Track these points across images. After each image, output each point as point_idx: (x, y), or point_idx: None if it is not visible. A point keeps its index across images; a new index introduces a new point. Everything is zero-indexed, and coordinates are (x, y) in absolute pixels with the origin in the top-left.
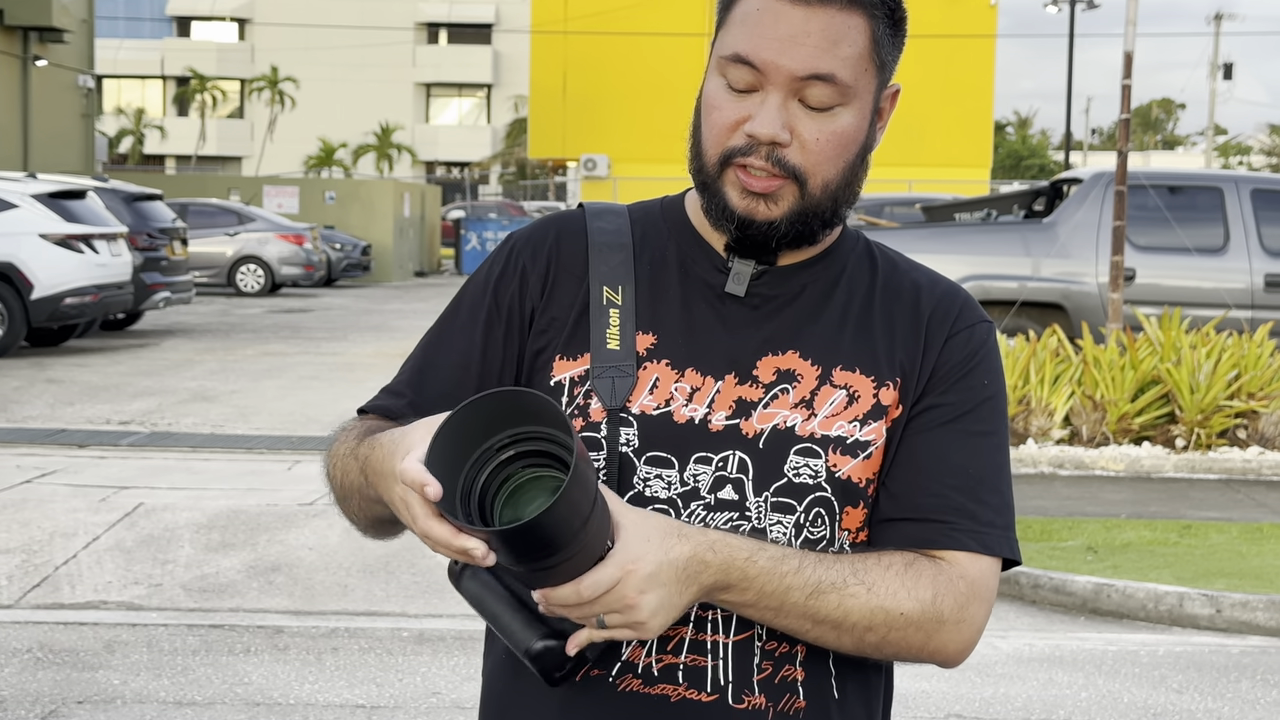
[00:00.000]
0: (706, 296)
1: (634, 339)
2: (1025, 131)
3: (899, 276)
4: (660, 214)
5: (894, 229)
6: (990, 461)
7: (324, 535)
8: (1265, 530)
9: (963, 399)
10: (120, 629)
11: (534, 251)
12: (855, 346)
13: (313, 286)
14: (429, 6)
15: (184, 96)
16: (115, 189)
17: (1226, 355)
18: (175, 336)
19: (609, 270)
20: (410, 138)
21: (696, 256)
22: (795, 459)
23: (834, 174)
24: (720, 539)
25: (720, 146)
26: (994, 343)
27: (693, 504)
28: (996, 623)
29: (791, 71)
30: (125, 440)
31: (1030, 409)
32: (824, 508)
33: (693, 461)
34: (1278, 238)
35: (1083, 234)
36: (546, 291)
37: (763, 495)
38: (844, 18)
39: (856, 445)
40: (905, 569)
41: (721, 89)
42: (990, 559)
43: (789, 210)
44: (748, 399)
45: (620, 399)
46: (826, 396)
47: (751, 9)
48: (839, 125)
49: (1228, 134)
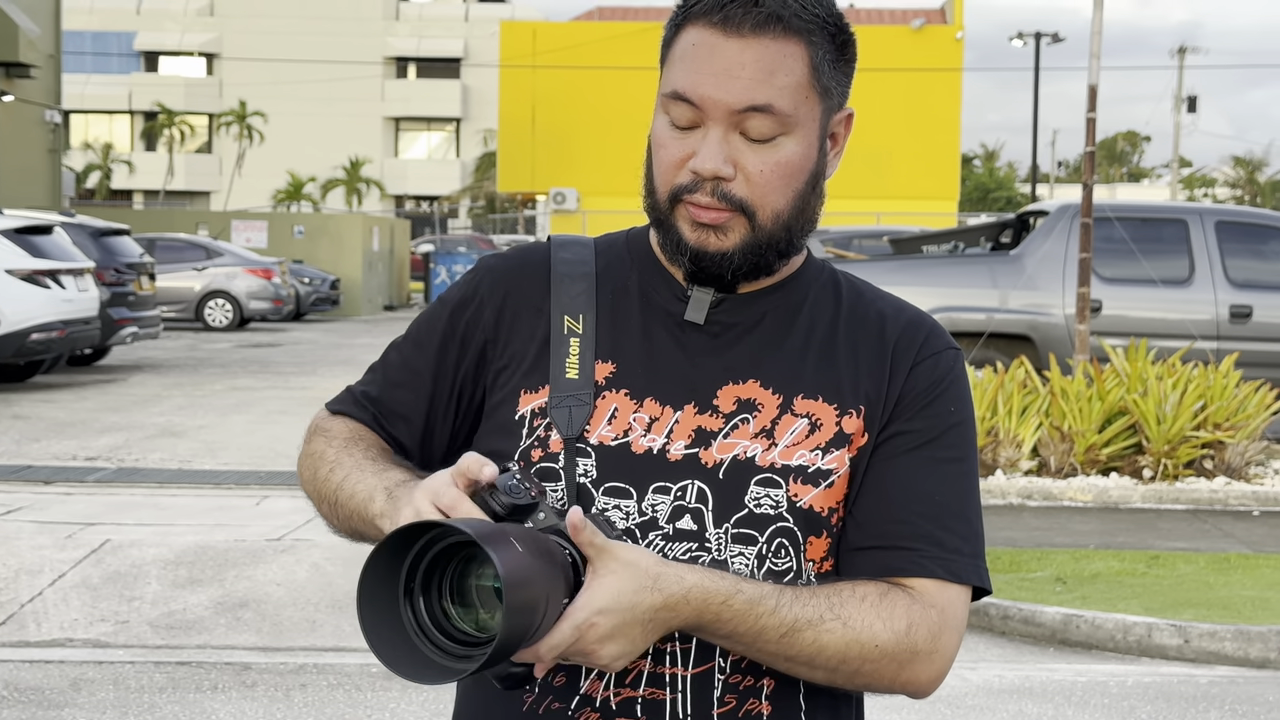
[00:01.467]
0: (667, 325)
1: (593, 368)
2: (992, 164)
3: (864, 305)
4: (625, 245)
5: (862, 261)
6: (958, 488)
7: (292, 571)
8: (1232, 560)
9: (929, 425)
10: (86, 667)
11: (494, 282)
12: (818, 374)
13: (281, 321)
14: (397, 41)
15: (152, 131)
16: (82, 224)
17: (1192, 386)
18: (143, 372)
19: (570, 300)
20: (379, 171)
21: (658, 285)
22: (756, 489)
23: (783, 204)
24: (697, 586)
25: (669, 185)
26: (961, 369)
27: (651, 534)
28: (966, 654)
29: (728, 105)
30: (92, 476)
31: (998, 440)
32: (787, 538)
33: (651, 491)
34: (1242, 269)
35: (1049, 266)
36: (503, 325)
37: (723, 526)
38: (779, 46)
39: (818, 474)
40: (880, 599)
41: (666, 127)
42: (959, 587)
43: (740, 242)
44: (707, 428)
45: (577, 428)
46: (788, 425)
47: (688, 45)
48: (783, 155)
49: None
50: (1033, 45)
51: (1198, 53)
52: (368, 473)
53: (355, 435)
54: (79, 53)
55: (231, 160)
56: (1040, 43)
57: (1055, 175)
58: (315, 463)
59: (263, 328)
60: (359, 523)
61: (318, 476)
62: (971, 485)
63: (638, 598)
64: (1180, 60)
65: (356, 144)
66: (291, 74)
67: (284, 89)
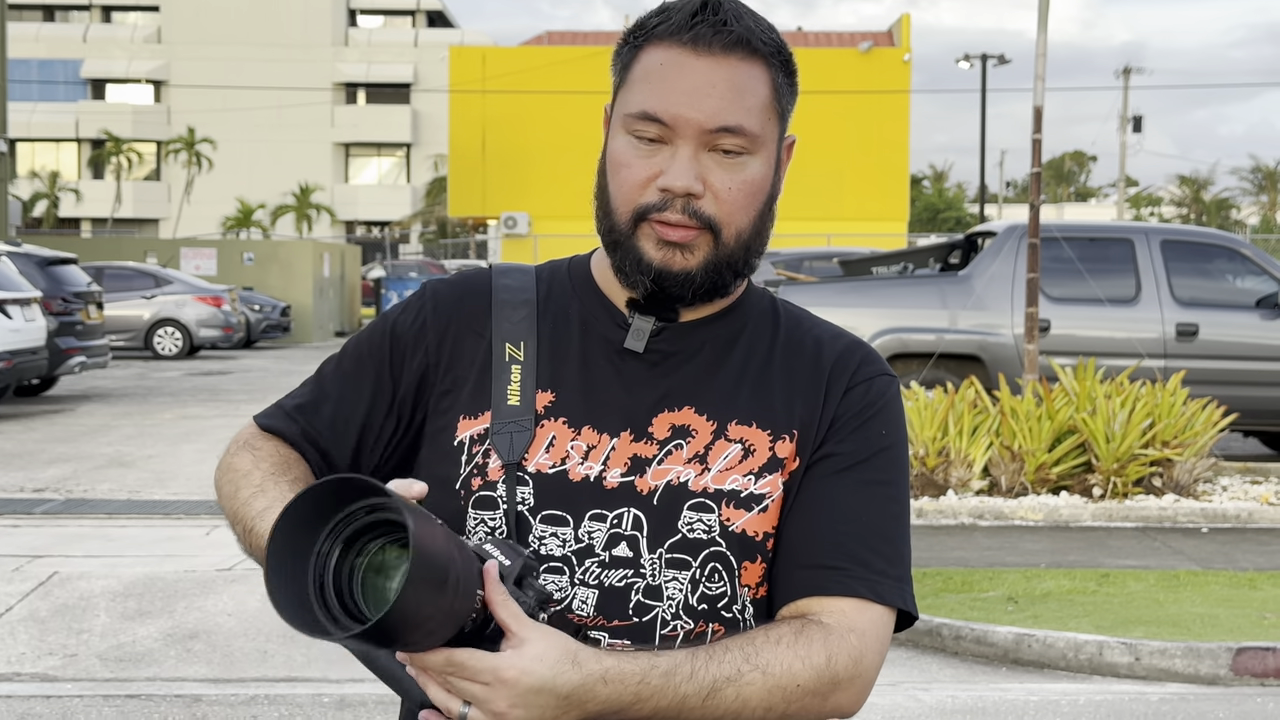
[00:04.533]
0: (606, 353)
1: (534, 395)
2: (941, 185)
3: (801, 332)
4: (567, 273)
5: (812, 283)
6: (886, 511)
7: (243, 601)
8: (1182, 578)
9: (858, 448)
10: (34, 701)
11: (437, 306)
12: (752, 401)
13: (232, 348)
14: (347, 67)
15: (99, 159)
16: (29, 253)
17: (1140, 404)
18: (91, 401)
19: (511, 327)
20: (329, 198)
21: (598, 314)
22: (689, 514)
23: (745, 223)
24: (614, 667)
25: (632, 204)
26: (894, 396)
27: (587, 561)
28: (919, 674)
29: (700, 124)
30: (39, 508)
31: (949, 460)
32: (720, 563)
33: (587, 519)
34: (1188, 288)
35: (998, 286)
36: (445, 349)
37: (657, 552)
38: (746, 68)
39: (751, 499)
40: (795, 638)
41: (629, 146)
42: (881, 608)
43: (704, 261)
44: (642, 455)
45: (518, 454)
46: (721, 451)
47: (654, 64)
48: (749, 175)
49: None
50: (979, 67)
51: (1142, 73)
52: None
53: (285, 463)
54: (25, 81)
55: (180, 188)
56: (986, 65)
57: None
58: (238, 481)
59: (213, 356)
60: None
61: (238, 497)
62: (900, 510)
63: (559, 668)
64: (1125, 81)
65: (306, 170)
66: (240, 100)
67: (233, 116)
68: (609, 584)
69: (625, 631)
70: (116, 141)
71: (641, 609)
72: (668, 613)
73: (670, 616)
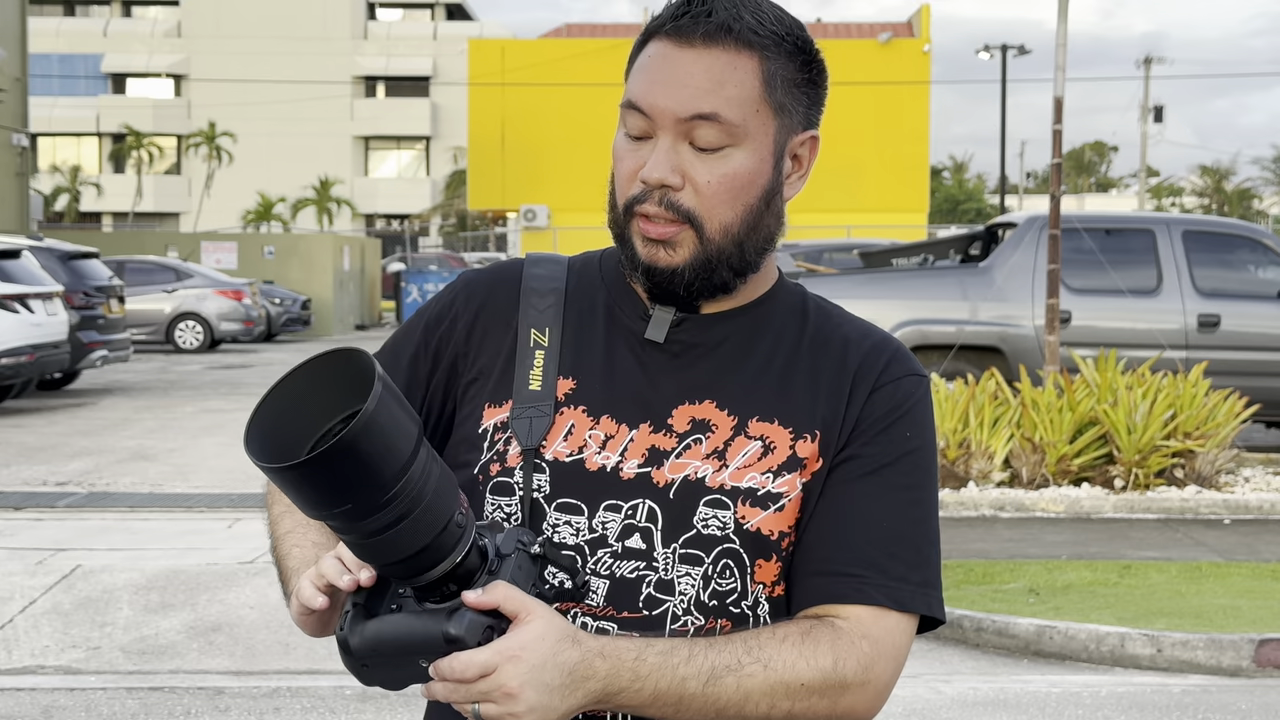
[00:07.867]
0: (630, 343)
1: (555, 381)
2: (961, 176)
3: (829, 328)
4: (598, 264)
5: (832, 275)
6: (910, 515)
7: (265, 594)
8: (1204, 569)
9: (883, 451)
10: (58, 694)
11: (469, 297)
12: (775, 398)
13: (252, 342)
14: (366, 60)
15: (120, 153)
16: (51, 248)
17: (1162, 395)
18: (113, 395)
19: (538, 314)
20: (349, 191)
21: (624, 304)
22: (704, 510)
23: (731, 217)
24: (610, 644)
25: (624, 196)
26: (923, 396)
27: (599, 551)
28: (940, 666)
29: (674, 113)
30: (62, 501)
31: (970, 452)
32: (733, 560)
33: (602, 509)
34: (1209, 278)
35: (1018, 277)
36: (474, 339)
37: (670, 546)
38: (730, 58)
39: (768, 497)
40: (802, 638)
41: (622, 140)
42: (900, 615)
43: (690, 256)
44: (661, 448)
45: (536, 439)
46: (740, 447)
47: (647, 57)
48: (731, 167)
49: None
50: (999, 58)
51: (1163, 63)
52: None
53: None
54: (46, 75)
55: (200, 181)
56: (1007, 55)
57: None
58: (274, 492)
59: (234, 349)
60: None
61: (273, 510)
62: (926, 513)
63: (560, 645)
64: (1146, 71)
65: (326, 163)
66: (260, 94)
67: (253, 109)
68: (620, 575)
69: (635, 624)
70: (137, 136)
71: (652, 602)
72: (679, 608)
73: (681, 611)
